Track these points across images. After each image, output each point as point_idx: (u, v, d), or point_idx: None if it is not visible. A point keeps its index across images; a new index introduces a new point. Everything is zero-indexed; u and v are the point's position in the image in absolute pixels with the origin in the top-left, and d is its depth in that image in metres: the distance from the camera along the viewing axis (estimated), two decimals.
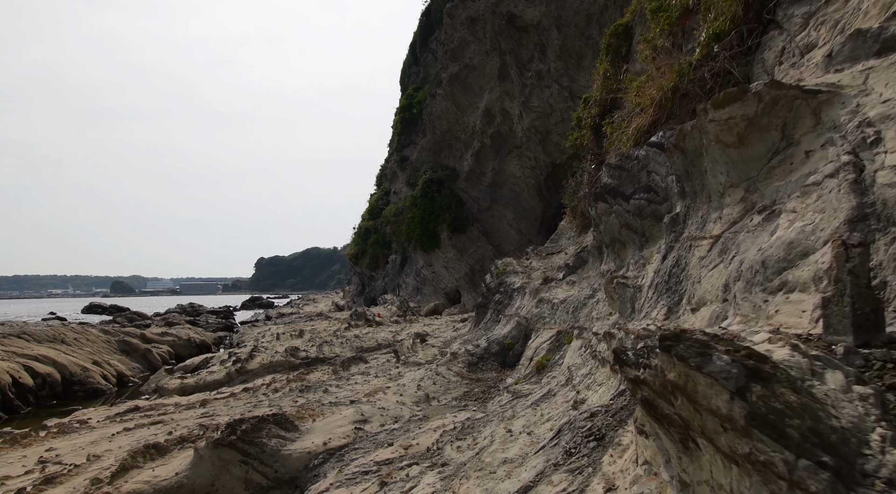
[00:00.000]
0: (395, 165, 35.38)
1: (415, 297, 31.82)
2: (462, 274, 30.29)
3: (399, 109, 35.27)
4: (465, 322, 16.00)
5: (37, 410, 10.90)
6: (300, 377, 8.93)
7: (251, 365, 11.08)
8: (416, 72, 35.78)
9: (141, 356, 14.94)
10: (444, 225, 30.57)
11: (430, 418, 6.50)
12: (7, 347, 11.83)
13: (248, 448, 5.17)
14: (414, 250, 32.37)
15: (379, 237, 34.47)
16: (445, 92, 31.56)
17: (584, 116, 12.98)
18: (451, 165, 33.11)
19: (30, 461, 5.40)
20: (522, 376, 7.37)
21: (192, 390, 10.15)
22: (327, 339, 14.42)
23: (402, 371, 8.95)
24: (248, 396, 8.07)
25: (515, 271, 12.43)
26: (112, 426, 6.72)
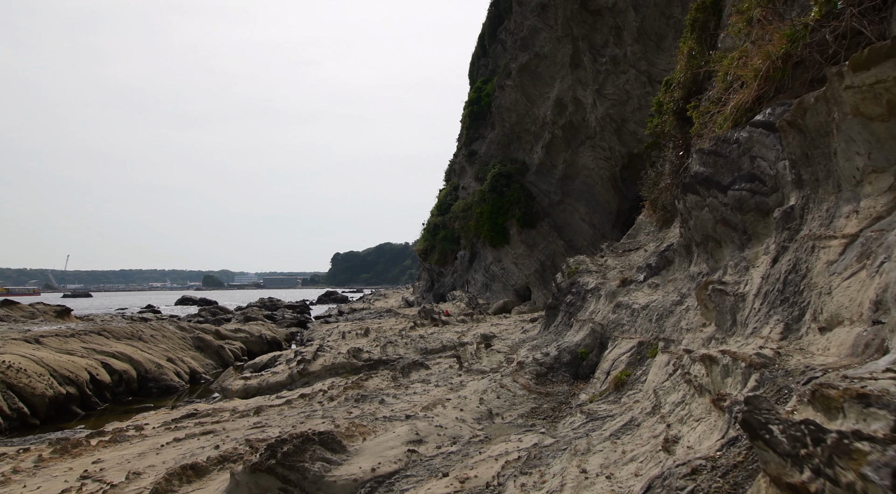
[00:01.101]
0: (463, 159, 34.76)
1: (484, 293, 31.11)
2: (532, 271, 29.23)
3: (467, 103, 34.58)
4: (535, 323, 15.08)
5: (113, 406, 11.28)
6: (357, 384, 8.45)
7: (313, 367, 10.81)
8: (485, 64, 34.94)
9: (214, 352, 15.29)
10: (513, 220, 29.64)
11: (493, 440, 5.76)
12: (87, 344, 12.38)
13: (289, 473, 4.66)
14: (483, 246, 31.65)
15: (447, 233, 34.03)
16: (514, 83, 30.50)
17: (665, 101, 11.73)
18: (521, 158, 32.05)
19: (73, 475, 5.16)
20: (598, 392, 6.47)
21: (254, 392, 9.99)
22: (392, 339, 14.01)
23: (465, 381, 8.26)
24: (304, 404, 7.67)
25: (589, 271, 11.40)
26: (163, 436, 6.49)
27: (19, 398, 9.75)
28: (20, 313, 17.25)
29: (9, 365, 10.05)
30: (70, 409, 10.58)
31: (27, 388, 9.89)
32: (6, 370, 9.87)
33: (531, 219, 30.08)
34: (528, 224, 29.93)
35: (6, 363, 10.06)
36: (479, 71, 35.58)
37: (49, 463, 5.57)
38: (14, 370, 9.97)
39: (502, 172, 30.30)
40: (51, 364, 10.72)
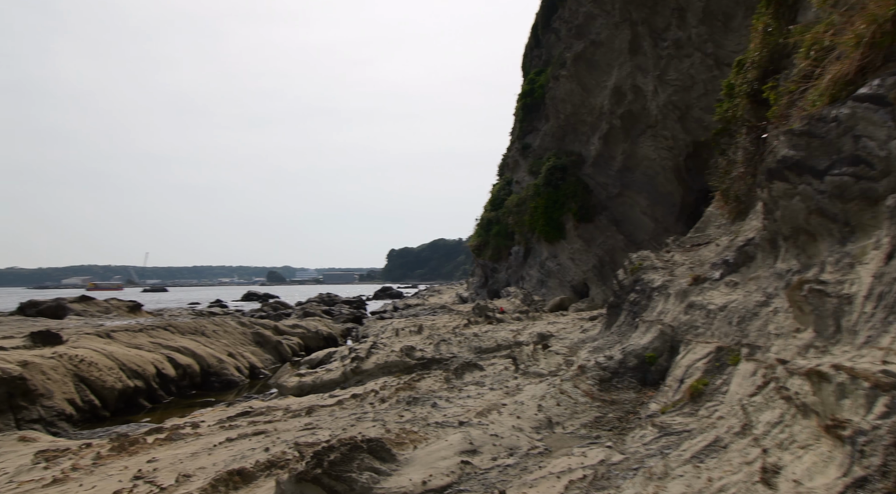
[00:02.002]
0: (516, 153, 34.03)
1: (539, 290, 30.35)
2: (590, 266, 28.20)
3: (520, 96, 33.79)
4: (595, 322, 14.35)
5: (177, 399, 11.59)
6: (410, 385, 8.15)
7: (366, 365, 10.63)
8: (538, 55, 34.01)
9: (273, 347, 15.52)
10: (569, 214, 28.70)
11: (553, 452, 5.29)
12: (154, 339, 12.82)
13: (335, 484, 4.37)
14: (538, 241, 30.87)
15: (501, 228, 33.43)
16: (569, 73, 29.44)
17: (737, 83, 10.78)
18: (577, 150, 30.97)
19: (127, 475, 5.09)
20: (671, 402, 5.85)
21: (308, 389, 9.92)
22: (445, 337, 13.68)
23: (521, 384, 7.79)
24: (355, 405, 7.44)
25: (654, 267, 10.62)
26: (217, 435, 6.40)
27: (91, 390, 10.15)
28: (96, 308, 18.25)
29: (82, 359, 10.50)
30: (137, 402, 10.94)
31: (98, 381, 10.29)
32: (79, 364, 10.31)
33: (588, 213, 29.04)
34: (585, 218, 28.91)
35: (79, 356, 10.52)
36: (532, 62, 34.70)
37: (106, 461, 5.55)
38: (86, 364, 10.40)
39: (557, 165, 29.37)
40: (120, 358, 11.12)
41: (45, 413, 8.90)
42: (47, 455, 5.57)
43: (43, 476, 5.08)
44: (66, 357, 10.25)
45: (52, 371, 9.59)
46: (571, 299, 25.86)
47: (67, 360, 10.22)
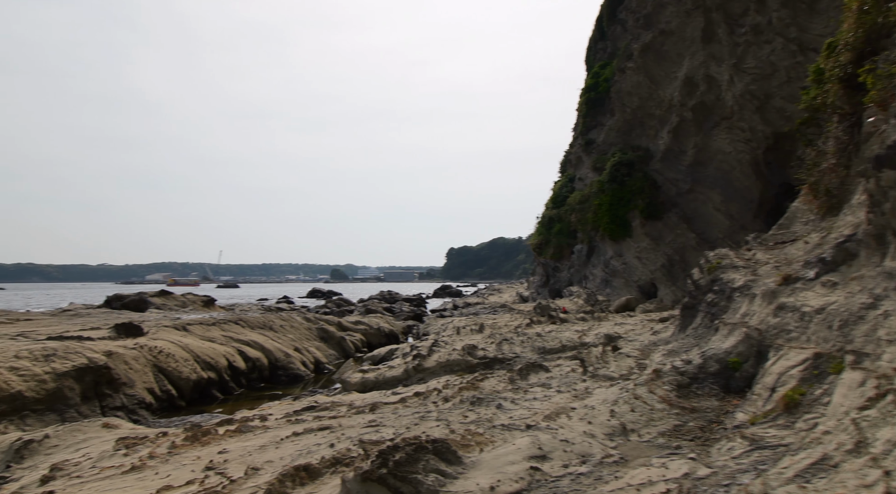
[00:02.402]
0: (579, 149, 33.11)
1: (603, 290, 29.39)
2: (658, 266, 27.01)
3: (584, 90, 32.85)
4: (665, 324, 13.63)
5: (247, 392, 12.00)
6: (473, 385, 7.97)
7: (428, 363, 10.54)
8: (603, 48, 32.93)
9: (336, 343, 15.82)
10: (636, 211, 27.61)
11: (630, 462, 4.94)
12: (226, 332, 13.36)
13: (401, 485, 4.25)
14: (602, 240, 29.90)
15: (563, 226, 32.64)
16: (637, 65, 28.29)
17: (828, 68, 9.86)
18: (643, 145, 29.75)
19: (200, 465, 5.20)
20: (761, 412, 5.34)
21: (371, 385, 9.95)
22: (507, 336, 13.40)
23: (590, 387, 7.43)
24: (418, 403, 7.34)
25: (734, 266, 9.91)
26: (284, 428, 6.47)
27: (169, 380, 10.68)
28: (173, 302, 19.33)
29: (160, 350, 11.06)
30: (210, 393, 11.41)
31: (175, 372, 10.80)
32: (158, 355, 10.88)
33: (656, 210, 27.83)
34: (653, 216, 27.71)
35: (158, 348, 11.10)
36: (596, 56, 33.64)
37: (181, 450, 5.70)
38: (165, 356, 10.95)
39: (623, 160, 28.32)
40: (195, 351, 11.64)
41: (127, 401, 9.43)
42: (127, 442, 5.80)
43: (122, 462, 5.26)
44: (146, 348, 10.83)
45: (133, 362, 10.15)
46: (638, 300, 24.83)
47: (147, 351, 10.79)
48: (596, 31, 33.05)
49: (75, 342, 10.04)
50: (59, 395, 8.34)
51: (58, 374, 8.47)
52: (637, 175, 28.51)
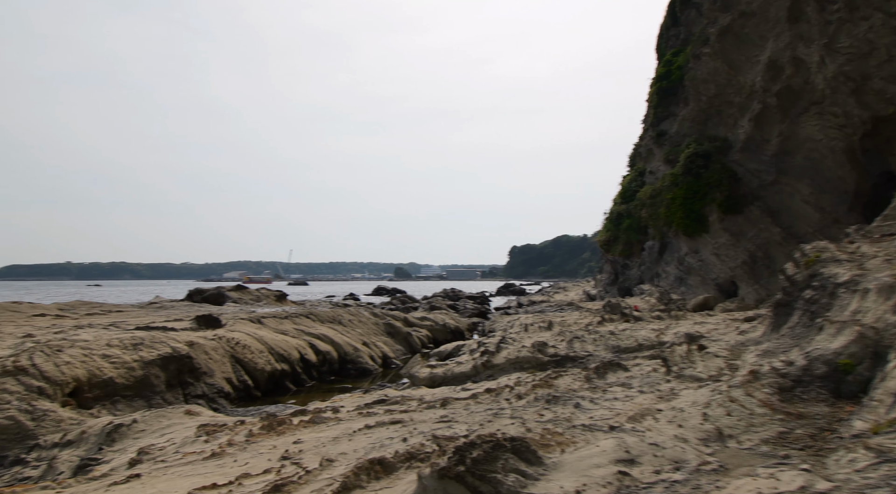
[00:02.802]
0: (650, 141, 31.67)
1: (677, 288, 27.97)
2: (738, 262, 25.34)
3: (655, 79, 31.38)
4: (753, 323, 12.65)
5: (318, 384, 12.23)
6: (547, 383, 7.62)
7: (497, 360, 10.27)
8: (676, 34, 31.32)
9: (403, 338, 15.87)
10: (713, 205, 26.03)
11: (731, 471, 4.47)
12: (298, 325, 13.70)
13: (480, 484, 4.02)
14: (675, 236, 28.44)
15: (633, 222, 31.33)
16: (714, 50, 26.66)
17: None
18: (721, 135, 28.01)
19: (276, 454, 5.20)
20: (884, 421, 4.70)
21: (439, 381, 9.80)
22: (578, 334, 12.89)
23: (676, 388, 6.90)
24: (490, 400, 7.09)
25: (836, 260, 8.99)
26: (356, 421, 6.41)
27: (245, 371, 11.03)
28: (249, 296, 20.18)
29: (237, 342, 11.46)
30: (284, 384, 11.70)
31: (251, 363, 11.15)
32: (235, 346, 11.27)
33: (736, 203, 26.14)
34: (733, 209, 26.05)
35: (235, 339, 11.50)
36: (668, 43, 32.06)
37: (257, 439, 5.75)
38: (241, 347, 11.33)
39: (699, 151, 26.80)
40: (269, 343, 11.98)
41: (208, 390, 9.80)
42: (207, 428, 5.91)
43: (203, 448, 5.34)
44: (224, 340, 11.24)
45: (213, 352, 10.55)
46: (717, 299, 23.41)
47: (225, 342, 11.20)
48: (668, 18, 31.51)
49: (160, 332, 10.58)
50: (146, 382, 8.77)
51: (145, 362, 8.91)
52: (714, 167, 26.93)
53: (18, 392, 6.53)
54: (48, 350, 7.50)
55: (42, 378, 6.89)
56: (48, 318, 12.55)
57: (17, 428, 6.18)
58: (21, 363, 6.92)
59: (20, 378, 6.71)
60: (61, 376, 7.25)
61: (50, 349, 7.56)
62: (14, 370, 6.75)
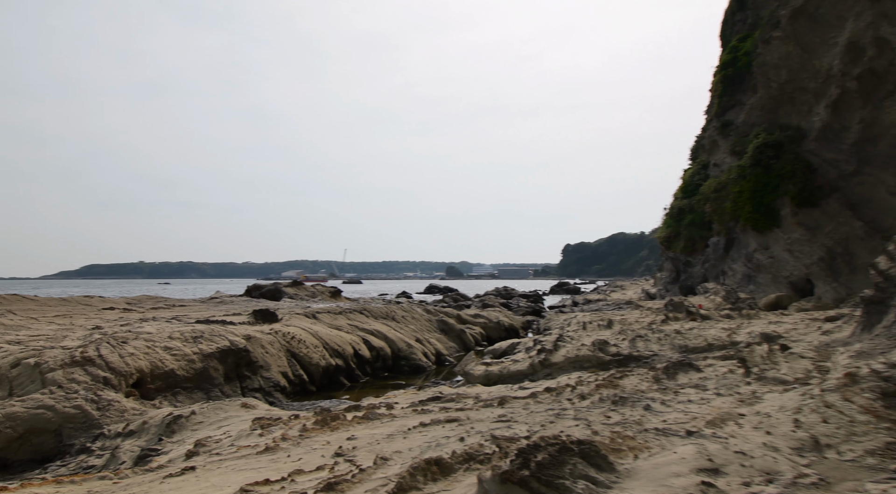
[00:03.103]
0: (714, 132, 30.06)
1: (745, 286, 26.38)
2: (815, 259, 23.57)
3: (719, 67, 29.76)
4: (837, 323, 11.59)
5: (372, 380, 12.15)
6: (611, 382, 7.14)
7: (555, 358, 9.82)
8: (742, 19, 29.61)
9: (456, 336, 15.61)
10: (785, 198, 24.37)
11: (833, 485, 3.91)
12: (351, 321, 13.70)
13: (546, 491, 3.67)
14: (743, 231, 26.84)
15: (696, 217, 29.81)
16: (786, 33, 24.91)
17: None
18: (793, 123, 26.18)
19: (329, 450, 5.02)
20: None
21: (495, 379, 9.46)
22: (641, 333, 12.22)
23: (759, 392, 6.28)
24: (551, 400, 6.69)
25: None
26: (410, 418, 6.18)
27: (300, 365, 11.09)
28: (304, 292, 20.56)
29: (293, 336, 11.55)
30: (338, 380, 11.69)
31: (306, 358, 11.20)
32: (290, 341, 11.36)
33: (811, 196, 24.38)
34: (808, 202, 24.31)
35: (291, 334, 11.60)
36: (733, 28, 30.34)
37: (311, 434, 5.61)
38: (297, 342, 11.41)
39: (769, 141, 25.17)
40: (324, 338, 12.02)
41: (264, 384, 9.88)
42: (262, 422, 5.83)
43: (258, 442, 5.25)
44: (280, 334, 11.35)
45: (269, 346, 10.65)
46: (791, 298, 21.87)
47: (281, 336, 11.30)
48: (733, 2, 29.82)
49: (219, 326, 10.79)
50: (205, 375, 8.92)
51: (204, 355, 9.06)
52: (787, 157, 25.21)
53: (86, 382, 6.74)
54: (114, 342, 7.73)
55: (108, 369, 7.09)
56: (116, 311, 13.15)
57: (84, 417, 6.35)
58: (88, 354, 7.15)
59: (87, 369, 6.93)
60: (126, 367, 7.44)
61: (116, 341, 7.79)
62: (82, 360, 6.98)
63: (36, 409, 6.16)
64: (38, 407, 6.19)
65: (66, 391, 6.50)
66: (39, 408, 6.19)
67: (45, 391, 6.45)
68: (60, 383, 6.64)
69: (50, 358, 6.96)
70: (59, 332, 9.23)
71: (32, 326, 10.11)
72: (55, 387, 6.54)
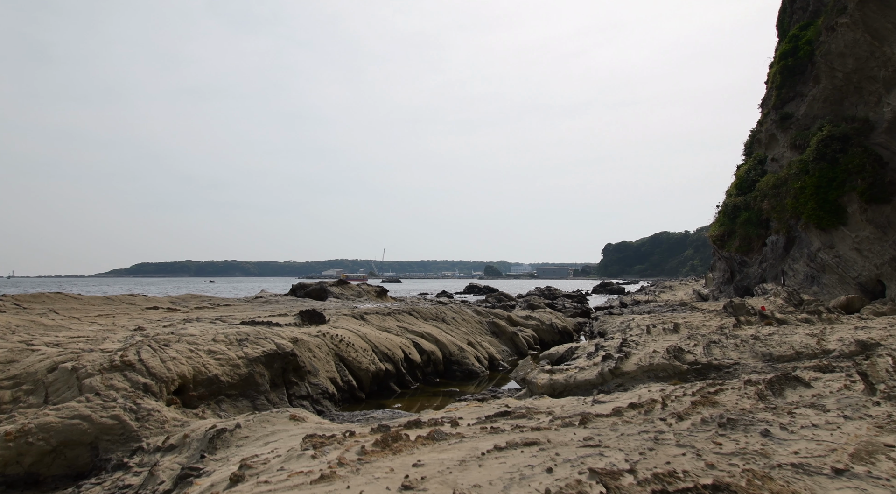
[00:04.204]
0: (772, 126, 28.09)
1: (808, 287, 24.46)
2: (886, 259, 21.60)
3: (778, 58, 27.80)
4: None
5: (423, 386, 11.28)
6: (707, 399, 6.09)
7: (626, 366, 8.79)
8: (803, 6, 27.62)
9: (508, 339, 14.62)
10: (853, 194, 22.46)
11: None
12: (401, 322, 12.89)
13: None
14: (804, 229, 24.93)
15: (752, 215, 27.92)
16: (853, 19, 22.96)
17: None
18: (860, 115, 24.16)
19: (395, 480, 4.21)
20: None
21: (560, 388, 8.50)
22: (714, 338, 11.01)
23: (895, 414, 5.14)
24: (641, 419, 5.70)
25: None
26: (481, 438, 5.31)
27: (349, 371, 10.36)
28: (350, 291, 19.96)
29: (341, 339, 10.83)
30: (388, 385, 10.90)
31: (355, 362, 10.46)
32: (339, 344, 10.64)
33: (882, 192, 22.42)
34: (878, 198, 22.36)
35: (339, 336, 10.88)
36: (793, 17, 28.33)
37: (371, 458, 4.82)
38: (345, 345, 10.69)
39: (834, 134, 23.23)
40: (373, 341, 11.27)
41: (312, 391, 9.18)
42: (314, 440, 5.07)
43: (311, 467, 4.48)
44: (328, 336, 10.65)
45: (317, 349, 9.97)
46: (862, 300, 20.00)
47: (329, 339, 10.60)
48: None
49: (265, 328, 10.17)
50: (250, 381, 8.26)
51: (249, 359, 8.42)
52: (854, 151, 23.24)
53: (125, 390, 6.15)
54: (155, 345, 7.16)
55: (148, 375, 6.49)
56: (160, 311, 12.72)
57: (122, 429, 5.75)
58: (128, 358, 6.58)
59: (127, 374, 6.34)
60: (167, 373, 6.84)
61: (157, 344, 7.21)
62: (122, 365, 6.41)
63: (71, 419, 5.60)
64: (73, 417, 5.63)
65: (103, 400, 5.92)
66: (75, 418, 5.63)
67: (81, 399, 5.88)
68: (98, 390, 6.07)
69: (88, 363, 6.41)
70: (99, 333, 8.74)
71: (73, 326, 9.71)
72: (92, 394, 5.97)
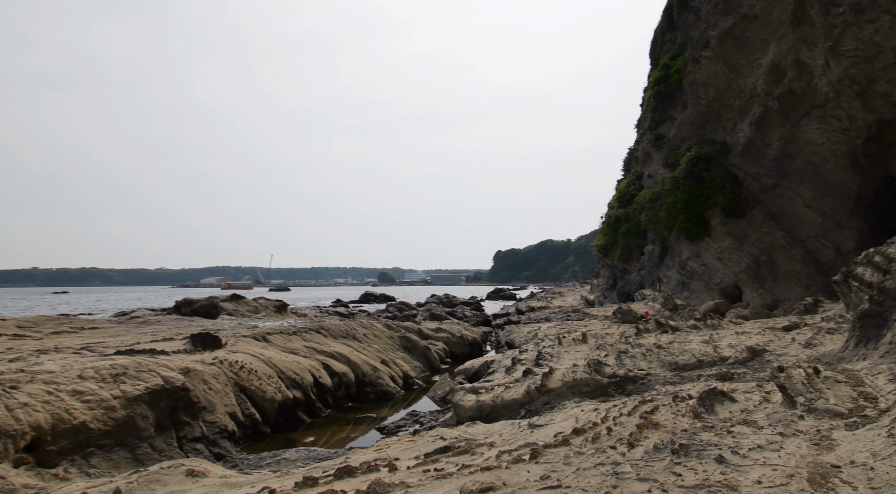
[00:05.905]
0: (647, 145, 30.51)
1: (680, 293, 26.71)
2: (742, 267, 24.26)
3: (651, 84, 30.27)
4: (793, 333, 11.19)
5: (334, 413, 10.12)
6: (648, 420, 5.89)
7: (552, 383, 8.52)
8: (672, 38, 30.31)
9: (420, 353, 13.91)
10: (715, 209, 25.00)
11: None
12: (308, 342, 11.59)
13: None
14: (676, 240, 27.25)
15: (632, 226, 30.04)
16: (714, 53, 25.62)
17: None
18: (720, 138, 27.06)
19: None
20: None
21: (489, 410, 8.00)
22: (622, 348, 11.23)
23: (822, 429, 5.28)
24: (592, 449, 5.30)
25: None
26: (429, 487, 4.58)
27: (251, 402, 8.93)
28: (246, 307, 17.96)
29: (241, 366, 9.35)
30: (296, 415, 9.60)
31: (258, 392, 9.06)
32: (239, 372, 9.15)
33: (738, 207, 25.17)
34: (735, 213, 25.08)
35: (239, 363, 9.38)
36: (664, 48, 31.04)
37: None
38: (246, 372, 9.23)
39: (701, 154, 25.67)
40: (278, 366, 9.90)
41: (208, 430, 7.71)
42: None
43: None
44: (226, 364, 9.15)
45: (213, 380, 8.47)
46: (726, 304, 22.14)
47: (228, 367, 9.11)
48: (664, 22, 30.47)
49: (147, 357, 8.42)
50: (129, 425, 6.64)
51: (128, 399, 6.80)
52: (716, 170, 25.86)
53: None
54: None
55: None
56: (3, 339, 9.93)
57: None
58: None
59: None
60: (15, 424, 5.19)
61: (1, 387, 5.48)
62: None
63: None
64: None
65: None
66: None
67: None
68: None
69: None
70: None
71: None
72: None
